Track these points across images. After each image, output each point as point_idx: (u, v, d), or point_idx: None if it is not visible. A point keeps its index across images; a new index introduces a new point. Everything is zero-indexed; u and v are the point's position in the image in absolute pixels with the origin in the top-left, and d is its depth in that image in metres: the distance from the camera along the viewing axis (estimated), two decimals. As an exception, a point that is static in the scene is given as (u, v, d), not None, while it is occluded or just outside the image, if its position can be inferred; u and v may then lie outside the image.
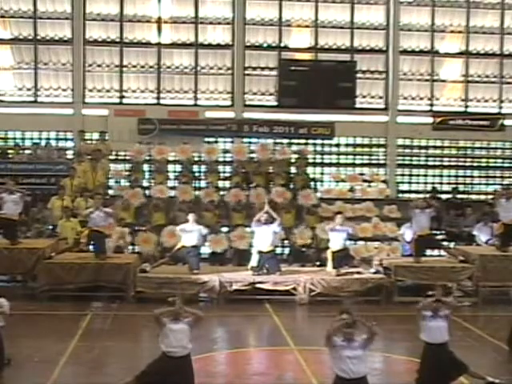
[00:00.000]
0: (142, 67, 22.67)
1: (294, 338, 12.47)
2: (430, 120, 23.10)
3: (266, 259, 15.94)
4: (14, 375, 10.20)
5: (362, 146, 23.24)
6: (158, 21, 22.52)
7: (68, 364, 10.75)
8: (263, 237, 15.91)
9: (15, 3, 22.14)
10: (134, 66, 22.65)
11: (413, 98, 23.35)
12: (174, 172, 20.80)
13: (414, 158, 23.34)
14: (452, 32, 23.45)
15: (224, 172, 21.02)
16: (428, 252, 17.74)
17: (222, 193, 19.54)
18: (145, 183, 20.17)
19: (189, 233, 15.80)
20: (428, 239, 16.48)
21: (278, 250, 17.81)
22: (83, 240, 16.22)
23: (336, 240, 16.01)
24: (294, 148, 21.50)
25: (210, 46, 22.79)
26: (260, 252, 15.95)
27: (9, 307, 10.55)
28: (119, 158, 21.88)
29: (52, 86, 22.47)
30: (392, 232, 18.84)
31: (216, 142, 21.75)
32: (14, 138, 22.19)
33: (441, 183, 23.17)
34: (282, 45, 22.87)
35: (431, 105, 23.37)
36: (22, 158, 20.73)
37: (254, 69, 22.94)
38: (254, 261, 16.05)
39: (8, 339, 10.47)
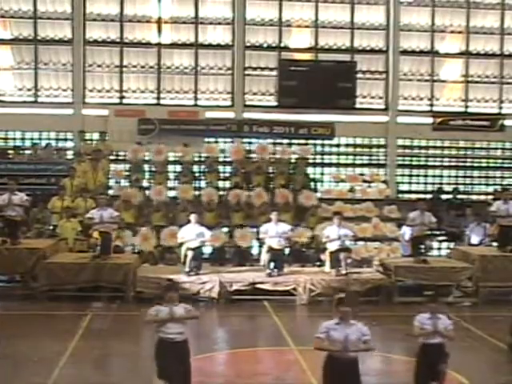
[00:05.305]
0: (142, 67, 22.66)
1: (294, 338, 12.45)
2: (430, 120, 23.08)
3: (276, 256, 15.98)
4: (14, 375, 10.17)
5: (362, 146, 23.23)
6: (158, 21, 22.52)
7: (68, 364, 10.73)
8: (273, 235, 15.99)
9: (15, 3, 22.14)
10: (134, 66, 22.64)
11: (413, 99, 23.34)
12: (174, 172, 20.80)
13: (414, 159, 23.33)
14: (452, 32, 23.45)
15: (224, 172, 21.02)
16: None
17: (221, 193, 19.53)
18: (145, 183, 20.16)
19: (192, 235, 15.79)
20: (424, 240, 16.52)
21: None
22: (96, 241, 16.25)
23: (333, 240, 15.97)
24: (294, 148, 21.50)
25: (210, 46, 22.78)
26: (270, 249, 15.98)
27: None
28: (119, 158, 21.89)
29: (52, 86, 22.46)
30: (392, 232, 18.83)
31: (216, 142, 21.76)
32: (14, 139, 22.19)
33: (441, 183, 23.13)
34: (282, 45, 22.86)
35: (431, 105, 23.35)
36: (23, 159, 20.73)
37: (254, 69, 22.93)
38: (263, 259, 16.13)
39: (8, 339, 10.47)
